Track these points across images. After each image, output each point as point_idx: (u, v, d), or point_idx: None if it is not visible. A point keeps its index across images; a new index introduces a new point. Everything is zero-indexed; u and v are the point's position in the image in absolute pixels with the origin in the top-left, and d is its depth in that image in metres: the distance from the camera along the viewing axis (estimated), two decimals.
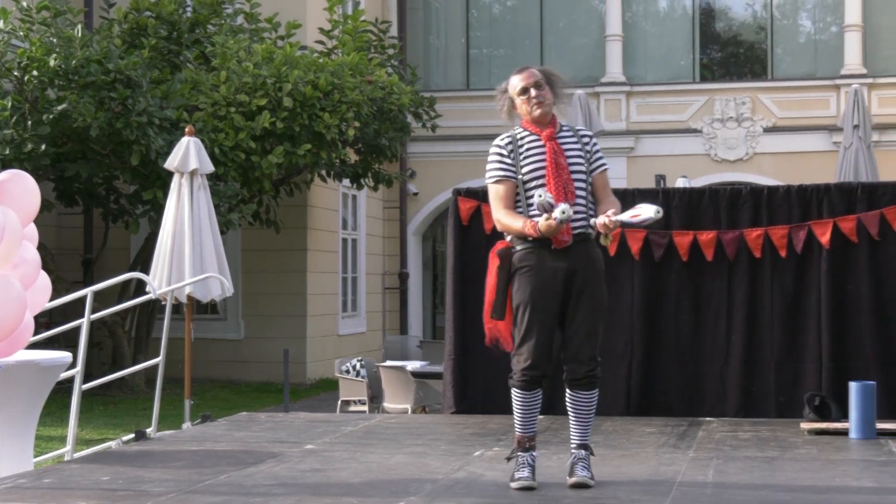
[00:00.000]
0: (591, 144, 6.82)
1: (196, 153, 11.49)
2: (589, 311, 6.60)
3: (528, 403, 6.65)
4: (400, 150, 21.13)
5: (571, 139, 6.75)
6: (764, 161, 23.44)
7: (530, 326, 6.55)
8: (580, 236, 6.58)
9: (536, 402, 6.66)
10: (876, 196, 9.91)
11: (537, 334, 6.55)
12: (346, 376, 13.80)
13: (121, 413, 16.04)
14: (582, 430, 6.71)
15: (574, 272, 6.56)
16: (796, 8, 24.69)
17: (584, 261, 6.60)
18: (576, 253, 6.57)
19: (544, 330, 6.57)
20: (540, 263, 6.55)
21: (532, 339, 6.55)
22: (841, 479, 6.90)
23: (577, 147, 6.72)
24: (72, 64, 15.99)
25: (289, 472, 7.14)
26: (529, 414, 6.67)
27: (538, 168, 6.60)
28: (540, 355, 6.56)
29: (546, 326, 6.57)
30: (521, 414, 6.67)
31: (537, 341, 6.55)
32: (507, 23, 25.44)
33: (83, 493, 6.45)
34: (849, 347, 9.81)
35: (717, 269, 10.07)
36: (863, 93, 16.22)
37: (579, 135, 6.82)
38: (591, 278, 6.61)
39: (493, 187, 6.69)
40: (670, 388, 10.10)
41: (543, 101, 6.69)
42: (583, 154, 6.72)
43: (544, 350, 6.58)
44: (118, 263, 19.91)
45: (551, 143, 6.66)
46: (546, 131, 6.70)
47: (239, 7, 19.37)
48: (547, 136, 6.68)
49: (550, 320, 6.58)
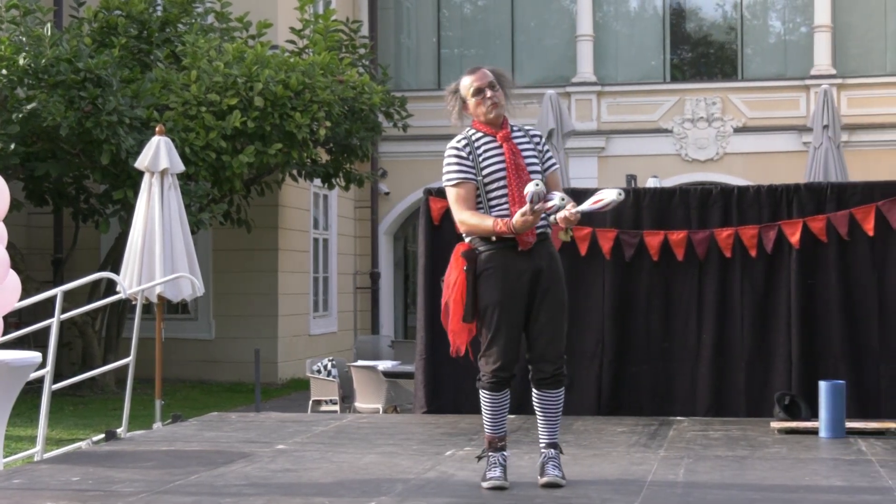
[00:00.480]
0: (541, 144, 6.80)
1: (166, 152, 11.46)
2: (554, 310, 6.61)
3: (497, 404, 6.64)
4: (371, 149, 21.10)
5: (524, 139, 6.73)
6: (734, 161, 23.51)
7: (499, 328, 6.53)
8: (542, 236, 6.59)
9: (505, 402, 6.66)
10: (845, 196, 9.96)
11: (506, 336, 6.54)
12: (317, 376, 13.78)
13: (91, 413, 15.98)
14: (550, 429, 6.71)
15: (539, 272, 6.56)
16: (766, 8, 24.79)
17: (547, 260, 6.61)
18: (539, 253, 6.58)
19: (512, 331, 6.56)
20: (506, 264, 6.54)
21: (501, 341, 6.54)
22: (811, 478, 6.93)
23: (530, 147, 6.71)
24: (41, 63, 15.92)
25: (260, 472, 7.13)
26: (499, 414, 6.66)
27: (498, 170, 6.57)
28: (509, 357, 6.56)
29: (514, 327, 6.57)
30: (491, 415, 6.66)
31: (506, 343, 6.54)
32: (478, 23, 25.46)
33: (53, 494, 6.43)
34: (818, 347, 9.86)
35: (688, 269, 10.10)
36: (832, 93, 16.29)
37: (530, 135, 6.80)
38: (554, 278, 6.63)
39: (453, 190, 6.63)
40: (641, 387, 10.13)
41: (498, 103, 6.65)
42: (536, 154, 6.70)
43: (513, 351, 6.58)
44: (88, 263, 19.85)
45: (508, 143, 6.63)
46: (501, 132, 6.66)
47: (209, 6, 19.30)
48: (503, 136, 6.65)
49: (518, 321, 6.58)
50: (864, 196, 9.92)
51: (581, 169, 23.10)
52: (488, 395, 6.63)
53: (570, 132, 15.82)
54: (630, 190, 10.52)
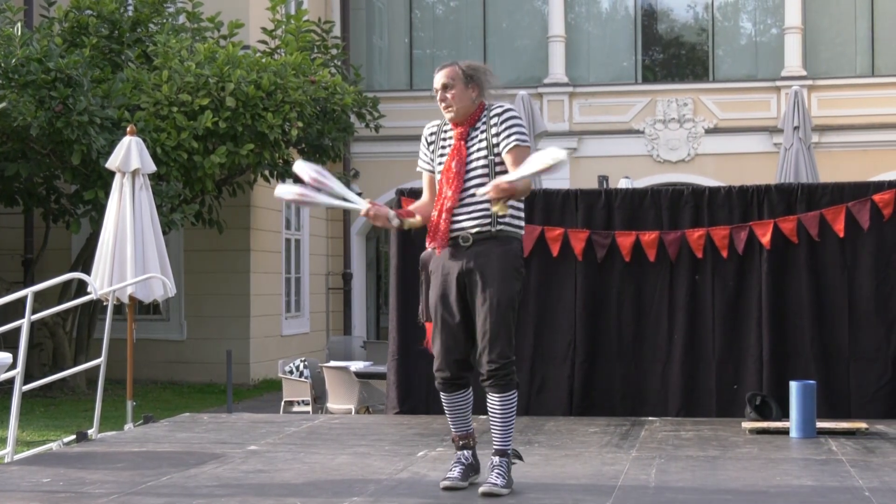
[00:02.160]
0: (500, 125, 6.49)
1: (138, 153, 11.42)
2: (488, 310, 6.41)
3: (450, 404, 6.62)
4: (343, 150, 21.09)
5: (480, 129, 6.53)
6: (705, 162, 23.58)
7: (435, 329, 6.57)
8: (479, 234, 6.45)
9: (459, 402, 6.61)
10: (815, 197, 10.00)
11: (440, 336, 6.55)
12: (289, 377, 13.77)
13: (62, 414, 15.92)
14: (498, 434, 6.52)
15: (469, 271, 6.45)
16: (737, 10, 24.87)
17: (481, 259, 6.43)
18: (474, 252, 6.45)
19: (446, 332, 6.53)
20: (438, 265, 6.57)
21: (437, 341, 6.56)
22: (782, 478, 6.96)
23: (483, 141, 6.51)
24: (11, 62, 15.84)
25: (232, 474, 7.12)
26: (455, 413, 6.63)
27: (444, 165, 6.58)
28: (443, 358, 6.53)
29: (448, 328, 6.52)
30: (448, 414, 6.68)
31: (441, 343, 6.54)
32: (450, 23, 25.47)
33: (23, 496, 6.41)
34: (789, 347, 9.91)
35: (659, 270, 10.13)
36: (803, 94, 16.32)
37: (490, 123, 6.53)
38: (486, 278, 6.42)
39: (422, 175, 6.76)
40: (613, 387, 10.16)
41: (449, 105, 6.53)
42: (487, 148, 6.49)
43: (448, 352, 6.52)
44: (59, 264, 19.76)
45: (459, 142, 6.54)
46: (459, 130, 6.57)
47: (181, 6, 19.26)
48: (458, 135, 6.56)
49: (451, 321, 6.51)
50: (835, 197, 9.97)
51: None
52: (441, 396, 6.65)
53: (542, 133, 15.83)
54: (602, 191, 10.54)
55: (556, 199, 10.33)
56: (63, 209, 18.13)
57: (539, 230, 10.20)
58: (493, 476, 6.43)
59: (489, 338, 6.42)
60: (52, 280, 10.36)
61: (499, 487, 6.37)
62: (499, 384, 6.43)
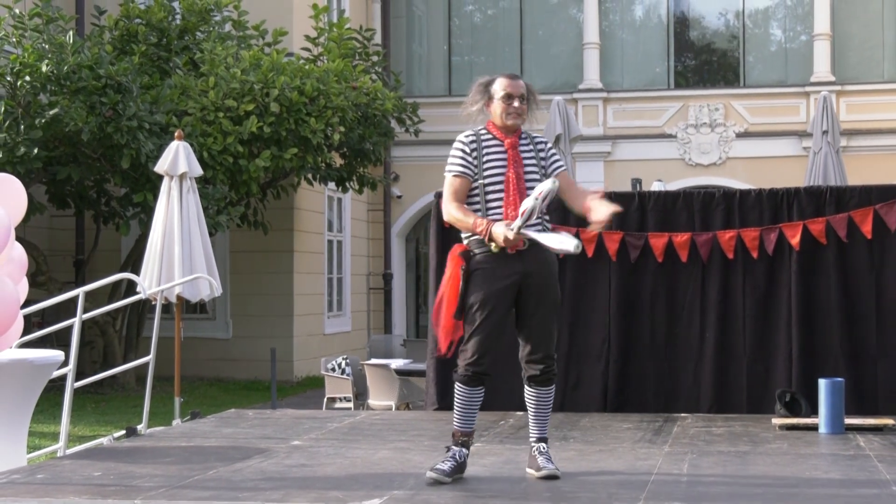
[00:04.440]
0: (546, 151, 6.86)
1: (185, 157, 11.47)
2: (543, 312, 6.68)
3: (468, 399, 6.70)
4: (384, 154, 21.10)
5: (528, 148, 6.79)
6: (736, 165, 23.49)
7: (480, 325, 6.61)
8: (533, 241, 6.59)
9: (476, 398, 6.72)
10: (844, 199, 9.95)
11: (484, 333, 6.60)
12: (331, 374, 13.79)
13: (112, 410, 16.01)
14: (540, 424, 6.81)
15: (528, 275, 6.63)
16: (767, 17, 24.76)
17: (537, 264, 6.65)
18: (529, 256, 6.63)
19: (492, 330, 6.61)
20: (495, 266, 6.61)
21: (478, 337, 6.61)
22: (811, 473, 6.93)
23: (532, 157, 6.77)
24: (63, 69, 15.94)
25: (276, 468, 7.14)
26: (468, 410, 6.73)
27: (499, 174, 6.66)
28: (483, 353, 6.62)
29: (495, 327, 6.62)
30: (461, 409, 6.74)
31: (483, 339, 6.61)
32: (487, 31, 25.45)
33: (75, 489, 6.44)
34: (818, 346, 9.86)
35: (691, 270, 10.10)
36: (831, 99, 16.25)
37: (535, 142, 6.86)
38: (544, 281, 6.68)
39: (451, 180, 6.75)
40: (646, 385, 10.13)
41: (521, 115, 6.77)
42: (537, 163, 6.76)
43: (488, 349, 6.62)
44: (109, 264, 19.87)
45: (513, 151, 6.71)
46: (510, 139, 6.75)
47: (227, 15, 19.32)
48: (510, 144, 6.73)
49: (500, 321, 6.64)
50: (862, 199, 9.92)
51: (588, 173, 23.08)
52: (461, 389, 6.70)
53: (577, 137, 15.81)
54: (636, 193, 10.51)
55: None
56: (113, 211, 18.22)
57: (574, 232, 10.17)
58: (543, 461, 6.71)
59: (544, 337, 6.71)
60: (103, 280, 10.44)
61: (555, 469, 6.66)
62: (548, 380, 6.75)
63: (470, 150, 6.74)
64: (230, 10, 19.32)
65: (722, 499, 6.08)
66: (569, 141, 15.26)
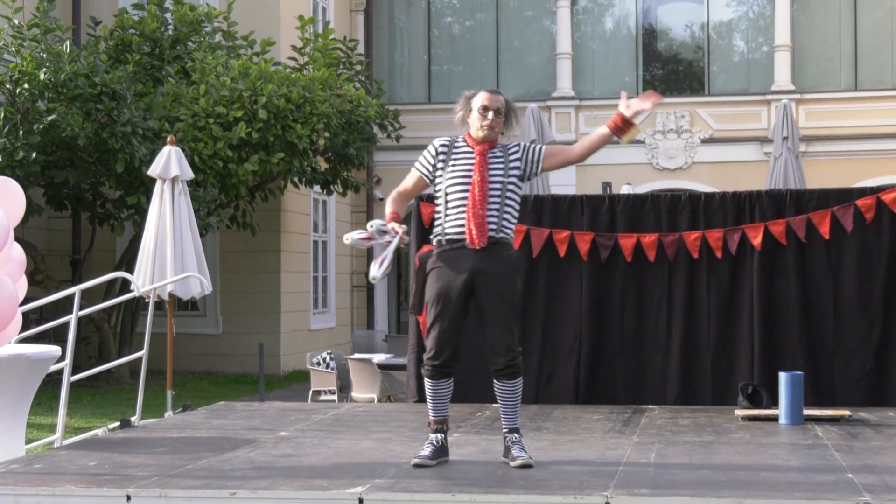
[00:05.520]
0: (519, 152, 6.84)
1: (177, 161, 11.45)
2: (499, 307, 6.63)
3: (435, 391, 6.79)
4: (366, 158, 21.12)
5: (499, 158, 6.79)
6: (701, 170, 23.55)
7: (435, 321, 6.67)
8: (492, 240, 6.64)
9: (444, 390, 6.78)
10: (803, 202, 9.98)
11: (440, 328, 6.66)
12: (316, 368, 13.78)
13: (107, 403, 15.96)
14: (510, 415, 6.78)
15: (480, 272, 6.63)
16: (731, 29, 24.83)
17: (489, 261, 6.64)
18: (482, 255, 6.64)
19: (448, 325, 6.65)
20: (449, 263, 6.68)
21: (433, 333, 6.69)
22: (771, 461, 6.95)
23: (501, 166, 6.76)
24: (60, 78, 15.90)
25: (263, 457, 7.12)
26: (438, 401, 6.80)
27: (462, 179, 6.70)
28: (440, 348, 6.67)
29: (451, 322, 6.66)
30: (431, 400, 6.83)
31: (438, 335, 6.67)
32: (465, 41, 25.46)
33: (71, 478, 6.42)
34: (778, 341, 9.88)
35: (659, 269, 10.11)
36: (791, 107, 16.28)
37: (508, 152, 6.84)
38: (497, 278, 6.64)
39: (411, 172, 6.88)
40: (615, 378, 10.13)
41: (494, 127, 6.77)
42: (504, 174, 6.74)
43: (445, 344, 6.67)
44: (104, 264, 19.81)
45: (482, 158, 6.73)
46: (480, 147, 6.77)
47: (217, 25, 19.29)
48: (480, 151, 6.76)
49: (455, 316, 6.67)
50: (820, 202, 9.95)
51: (561, 177, 23.02)
52: (427, 382, 6.79)
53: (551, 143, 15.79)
54: (606, 196, 10.52)
55: (564, 203, 10.32)
56: (108, 213, 18.17)
57: (547, 232, 10.19)
58: (516, 450, 6.68)
59: (504, 330, 6.65)
60: (98, 279, 10.40)
61: (528, 458, 6.64)
62: (513, 372, 6.68)
63: (437, 153, 6.81)
64: (220, 21, 19.29)
65: (687, 486, 6.09)
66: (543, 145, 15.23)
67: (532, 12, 25.14)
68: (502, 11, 24.94)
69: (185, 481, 6.30)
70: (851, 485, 6.09)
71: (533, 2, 25.06)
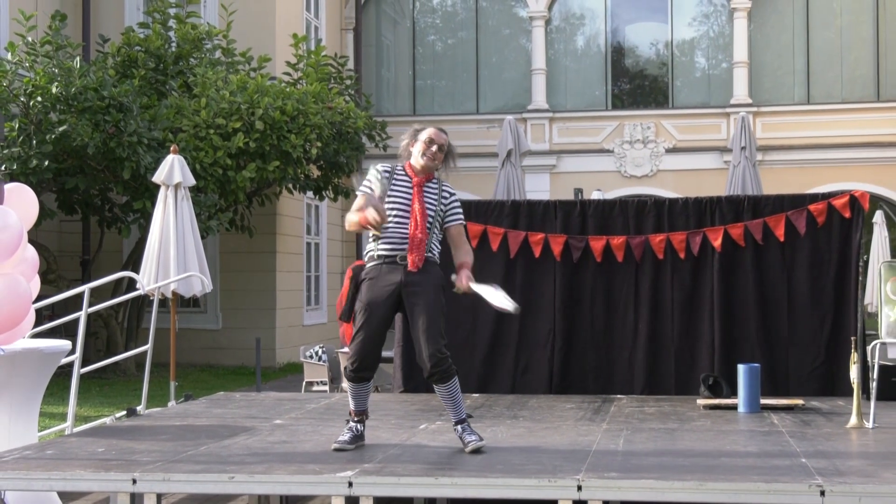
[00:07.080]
0: (449, 199, 6.90)
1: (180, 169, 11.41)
2: (425, 315, 6.64)
3: (356, 391, 6.91)
4: (356, 166, 21.10)
5: (434, 189, 6.86)
6: (666, 177, 23.60)
7: (358, 330, 6.71)
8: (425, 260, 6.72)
9: (364, 391, 6.89)
10: (760, 207, 10.00)
11: (360, 338, 6.70)
12: (309, 361, 13.76)
13: (114, 393, 15.91)
14: (454, 410, 6.81)
15: (406, 284, 6.68)
16: (693, 47, 24.89)
17: (416, 275, 6.69)
18: (415, 270, 6.70)
19: (370, 334, 6.70)
20: (378, 276, 6.74)
21: (356, 341, 6.72)
22: (731, 447, 6.96)
23: (435, 196, 6.83)
24: (71, 91, 15.85)
25: (260, 444, 7.11)
26: (358, 398, 6.92)
27: (399, 205, 6.73)
28: (360, 357, 6.71)
29: (373, 331, 6.70)
30: (352, 397, 6.92)
31: (359, 344, 6.71)
32: (447, 58, 25.46)
33: (81, 463, 6.40)
34: (737, 335, 9.89)
35: (626, 269, 10.12)
36: (749, 119, 16.33)
37: (442, 187, 6.91)
38: (423, 289, 6.68)
39: (359, 195, 6.77)
40: (587, 370, 10.13)
41: (434, 160, 6.85)
42: (437, 203, 6.81)
43: (366, 352, 6.71)
44: (112, 264, 19.77)
45: (418, 189, 6.80)
46: (418, 178, 6.84)
47: (217, 43, 19.26)
48: (417, 182, 6.83)
49: (378, 327, 6.72)
50: (776, 207, 9.97)
51: (536, 184, 23.14)
52: (349, 384, 6.86)
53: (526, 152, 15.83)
54: (578, 201, 10.53)
55: (538, 208, 10.32)
56: (115, 217, 18.13)
57: (523, 235, 10.19)
58: (466, 436, 6.72)
59: (428, 339, 6.64)
60: (106, 278, 10.36)
61: (478, 441, 6.68)
62: (443, 375, 6.70)
63: (381, 177, 6.79)
64: (220, 38, 19.27)
65: (653, 470, 6.10)
66: (519, 155, 15.27)
67: (509, 31, 25.16)
68: (481, 30, 24.96)
69: (187, 466, 6.29)
70: (805, 469, 6.10)
71: (510, 21, 25.09)
